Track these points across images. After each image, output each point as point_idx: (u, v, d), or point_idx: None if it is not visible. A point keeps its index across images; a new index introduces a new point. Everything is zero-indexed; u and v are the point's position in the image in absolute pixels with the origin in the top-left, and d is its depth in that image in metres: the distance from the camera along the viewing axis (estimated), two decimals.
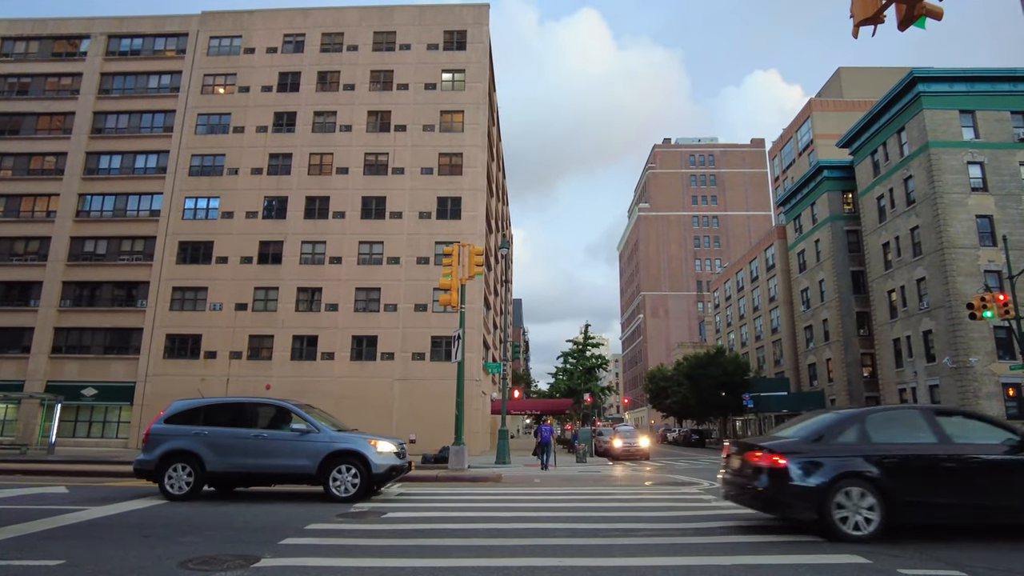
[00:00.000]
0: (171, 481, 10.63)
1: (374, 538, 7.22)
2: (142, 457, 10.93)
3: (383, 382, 35.12)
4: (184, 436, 10.86)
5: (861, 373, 45.08)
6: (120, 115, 40.44)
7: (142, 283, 37.89)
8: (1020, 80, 37.19)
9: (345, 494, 10.44)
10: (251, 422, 11.15)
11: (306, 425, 10.87)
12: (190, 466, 10.67)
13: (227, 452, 10.74)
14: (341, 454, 10.63)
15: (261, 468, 10.74)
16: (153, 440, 10.97)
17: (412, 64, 39.80)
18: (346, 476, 10.55)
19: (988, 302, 21.94)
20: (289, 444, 10.77)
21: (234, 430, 10.96)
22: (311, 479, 10.67)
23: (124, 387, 36.30)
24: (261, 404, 11.57)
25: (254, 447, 10.75)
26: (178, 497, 10.50)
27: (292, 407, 11.26)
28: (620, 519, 8.54)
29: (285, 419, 11.11)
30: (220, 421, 11.13)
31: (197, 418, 11.14)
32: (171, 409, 11.37)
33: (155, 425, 11.18)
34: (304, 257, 37.39)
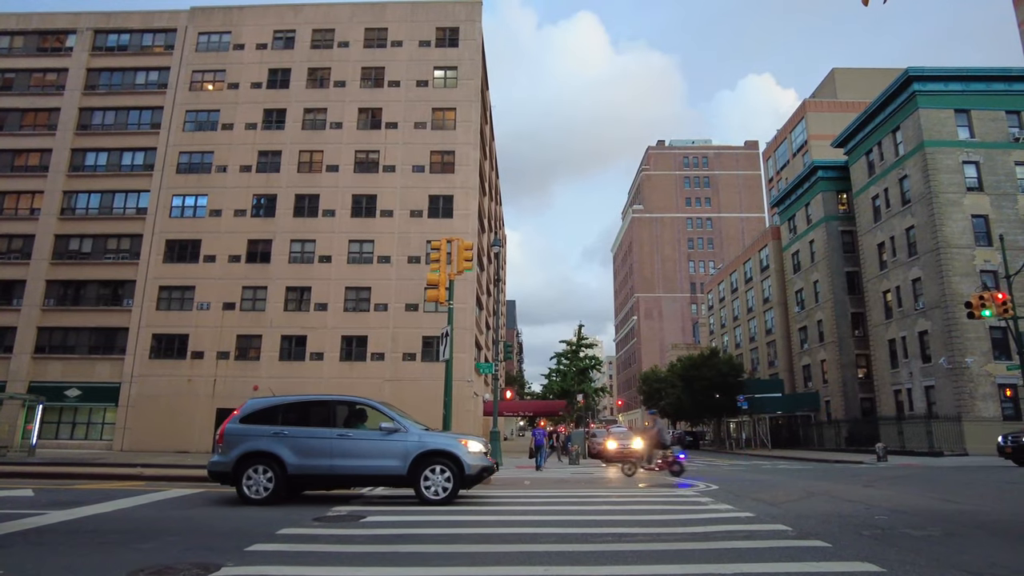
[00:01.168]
0: (250, 483, 10.00)
1: (348, 544, 6.73)
2: (217, 459, 10.25)
3: (373, 383, 34.54)
4: (263, 436, 10.19)
5: (856, 374, 44.80)
6: (107, 111, 39.77)
7: (128, 282, 37.23)
8: (1015, 80, 37.03)
9: (436, 497, 10.00)
10: (333, 421, 10.54)
11: (393, 424, 10.36)
12: (269, 468, 10.01)
13: (310, 453, 10.12)
14: (432, 454, 10.16)
15: (347, 470, 10.16)
16: (229, 441, 10.23)
17: (404, 61, 39.33)
18: (438, 478, 10.10)
19: (987, 301, 21.61)
20: (376, 444, 10.22)
21: (316, 429, 10.33)
22: (400, 481, 10.18)
23: (109, 388, 35.61)
24: (342, 402, 10.94)
25: (339, 447, 10.15)
26: (257, 501, 9.88)
27: (379, 405, 10.74)
28: (612, 523, 8.08)
29: (369, 418, 10.62)
30: (299, 420, 10.51)
31: (275, 417, 10.46)
32: (246, 408, 10.66)
33: (230, 424, 10.45)
34: (293, 256, 36.82)
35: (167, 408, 35.06)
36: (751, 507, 9.43)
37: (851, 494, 10.99)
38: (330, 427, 10.40)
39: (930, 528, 7.34)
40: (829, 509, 9.10)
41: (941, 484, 13.40)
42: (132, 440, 34.64)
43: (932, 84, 36.87)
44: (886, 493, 11.28)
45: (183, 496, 11.23)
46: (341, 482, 10.45)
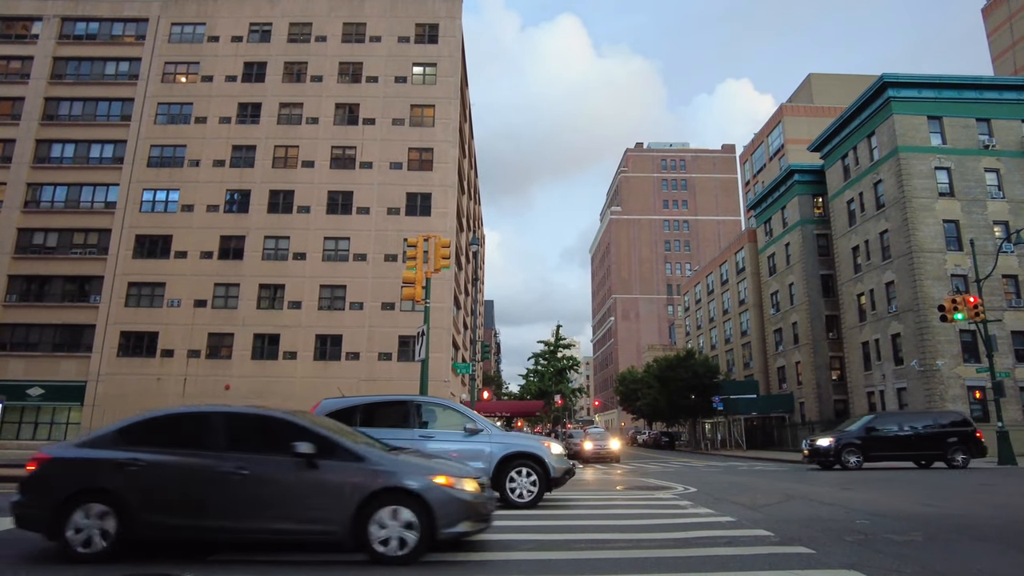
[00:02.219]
0: None
1: (327, 552, 6.41)
2: None
3: (348, 383, 33.92)
4: None
5: (830, 376, 45.31)
6: (74, 102, 38.66)
7: (95, 278, 36.21)
8: (985, 88, 37.73)
9: (522, 500, 9.75)
10: (411, 421, 10.19)
11: (475, 424, 10.09)
12: None
13: None
14: (516, 456, 9.91)
15: None
16: None
17: (382, 56, 38.84)
18: (523, 480, 9.85)
19: (959, 304, 21.88)
20: (460, 446, 9.92)
21: (398, 431, 9.93)
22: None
23: (74, 387, 34.57)
24: (420, 402, 10.62)
25: (421, 450, 9.73)
26: None
27: (457, 405, 10.47)
28: (590, 528, 7.85)
29: (440, 418, 10.28)
30: (376, 422, 10.11)
31: (352, 418, 10.02)
32: (321, 409, 10.17)
33: None
34: (267, 253, 36.14)
35: (135, 408, 33.95)
36: (731, 511, 9.28)
37: (830, 497, 10.92)
38: (410, 428, 10.10)
39: (912, 533, 7.24)
40: (809, 513, 8.99)
41: (917, 486, 13.43)
42: None
43: (906, 91, 37.40)
44: (864, 496, 11.23)
45: None
46: None
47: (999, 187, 36.51)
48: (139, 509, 5.76)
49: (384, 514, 5.74)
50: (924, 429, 21.03)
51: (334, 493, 5.83)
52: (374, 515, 5.73)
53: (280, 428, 6.25)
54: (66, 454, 6.20)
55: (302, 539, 5.92)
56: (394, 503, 5.78)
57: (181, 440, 6.21)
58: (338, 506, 5.77)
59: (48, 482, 5.99)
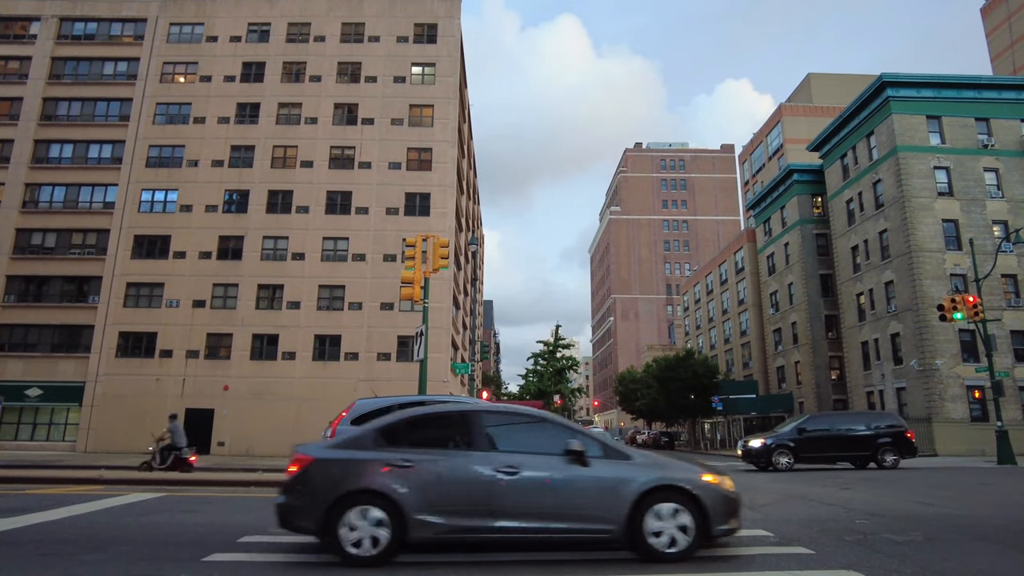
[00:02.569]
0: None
1: (312, 553, 6.38)
2: None
3: (347, 383, 33.96)
4: None
5: (829, 376, 45.31)
6: (72, 102, 38.60)
7: (94, 278, 36.16)
8: (983, 87, 37.73)
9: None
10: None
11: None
12: None
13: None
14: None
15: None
16: None
17: (381, 56, 38.80)
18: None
19: (958, 304, 21.86)
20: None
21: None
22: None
23: (73, 387, 34.52)
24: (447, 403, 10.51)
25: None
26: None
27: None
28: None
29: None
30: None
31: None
32: (356, 409, 10.14)
33: (342, 427, 9.94)
34: (266, 253, 36.09)
35: (134, 408, 34.06)
36: None
37: (829, 497, 10.89)
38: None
39: (911, 533, 7.21)
40: (809, 513, 8.96)
41: (916, 486, 13.40)
42: (97, 441, 33.63)
43: (905, 90, 37.39)
44: (863, 496, 11.20)
45: (143, 501, 10.73)
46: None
47: (998, 186, 36.51)
48: (412, 510, 5.70)
49: (662, 510, 5.84)
50: (856, 431, 20.71)
51: (609, 491, 5.88)
52: (648, 512, 5.82)
53: (544, 426, 6.38)
54: (332, 455, 6.10)
55: (575, 538, 5.94)
56: (668, 500, 5.91)
57: (445, 439, 6.20)
58: (614, 504, 5.84)
59: (315, 483, 5.91)
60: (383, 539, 5.69)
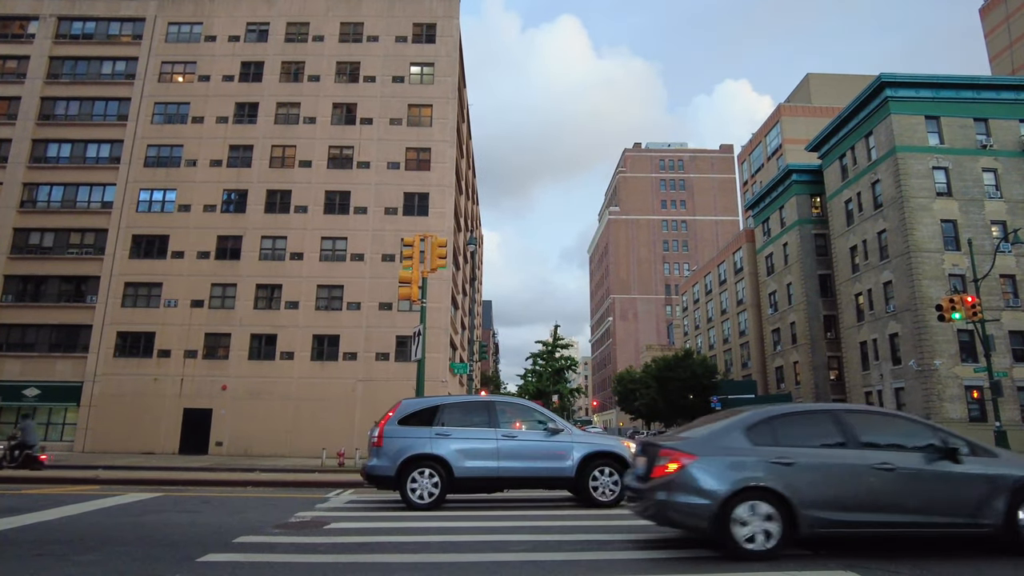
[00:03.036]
0: (414, 487, 9.67)
1: (307, 553, 6.35)
2: (376, 463, 9.84)
3: (345, 383, 33.96)
4: (425, 438, 9.89)
5: (828, 376, 45.33)
6: (71, 101, 38.55)
7: (92, 278, 36.11)
8: (982, 88, 37.76)
9: (605, 498, 9.88)
10: (492, 421, 10.22)
11: (556, 424, 10.26)
12: (434, 471, 9.69)
13: (475, 455, 9.86)
14: (598, 455, 10.03)
15: (514, 472, 9.92)
16: (392, 443, 9.85)
17: (380, 56, 38.77)
18: (606, 479, 9.97)
19: (957, 304, 21.87)
20: (542, 445, 10.05)
21: (480, 430, 10.06)
22: (567, 483, 10.04)
23: (70, 387, 34.47)
24: (500, 402, 10.71)
25: (505, 449, 9.93)
26: (422, 506, 9.58)
27: (534, 405, 10.75)
28: (590, 529, 7.80)
29: (529, 418, 10.46)
30: (458, 421, 10.17)
31: (434, 418, 10.12)
32: (403, 408, 10.26)
33: (388, 426, 10.04)
34: (264, 253, 36.05)
35: (132, 408, 34.05)
36: None
37: None
38: (493, 427, 10.13)
39: None
40: None
41: None
42: (95, 441, 33.57)
43: (904, 90, 37.42)
44: None
45: (140, 501, 10.70)
46: (507, 484, 10.16)
47: (997, 187, 36.55)
48: (800, 506, 5.84)
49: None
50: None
51: (984, 488, 6.06)
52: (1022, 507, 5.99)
53: (903, 425, 6.71)
54: (716, 454, 6.13)
55: (951, 533, 6.09)
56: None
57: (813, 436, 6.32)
58: (989, 500, 6.00)
59: (701, 481, 5.97)
60: (775, 534, 5.86)
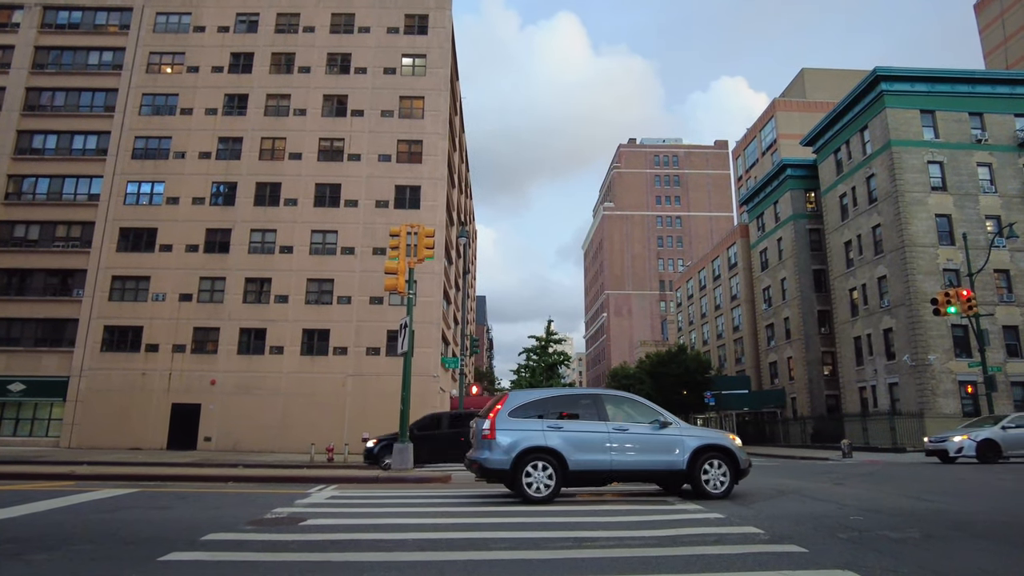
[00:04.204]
0: (529, 480, 9.52)
1: (276, 552, 6.02)
2: (489, 456, 9.63)
3: (335, 378, 33.60)
4: (537, 431, 9.70)
5: (822, 371, 45.20)
6: (57, 92, 37.98)
7: (79, 271, 35.63)
8: (977, 82, 37.58)
9: (716, 490, 9.91)
10: (603, 415, 10.10)
11: (664, 418, 10.27)
12: (549, 465, 9.54)
13: (588, 448, 9.74)
14: (708, 448, 10.04)
15: (626, 465, 9.85)
16: (506, 436, 9.68)
17: (371, 48, 38.30)
18: (716, 472, 9.99)
19: (952, 298, 21.65)
20: (653, 438, 10.01)
21: (592, 423, 9.96)
22: (678, 476, 10.00)
23: (56, 382, 34.02)
24: (609, 396, 10.55)
25: (617, 441, 9.86)
26: (538, 499, 9.43)
27: (642, 399, 10.74)
28: (570, 526, 7.49)
29: (638, 411, 10.35)
30: (566, 414, 10.05)
31: (545, 411, 9.98)
32: (512, 400, 10.08)
33: (499, 419, 9.84)
34: (253, 246, 35.62)
35: (119, 403, 33.62)
36: (720, 507, 8.94)
37: (822, 492, 10.61)
38: (605, 420, 10.05)
39: (908, 530, 6.91)
40: (801, 509, 8.66)
41: (910, 481, 13.15)
42: (81, 437, 33.14)
43: (899, 84, 37.20)
44: (856, 491, 10.93)
45: (113, 497, 10.34)
46: (618, 478, 10.09)
47: (991, 181, 36.41)
48: None
49: None
50: None
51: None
52: None
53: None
54: None
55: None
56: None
57: None
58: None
59: None
60: None
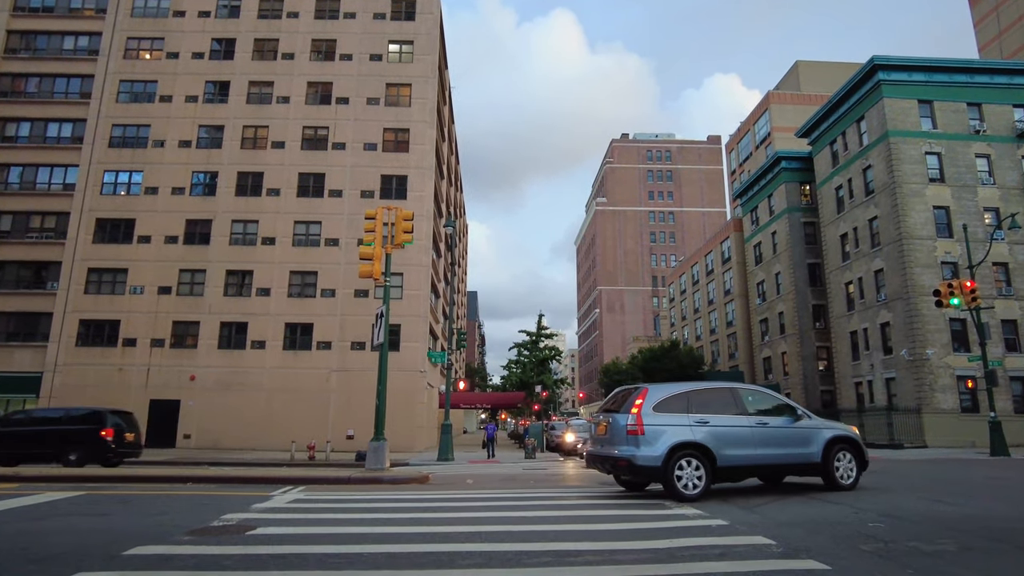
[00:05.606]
0: (679, 476, 9.16)
1: (206, 570, 5.08)
2: (639, 452, 9.19)
3: (319, 373, 32.60)
4: (685, 426, 9.40)
5: (817, 367, 44.52)
6: (30, 78, 36.67)
7: (53, 263, 34.41)
8: (976, 72, 36.88)
9: (846, 481, 10.00)
10: (742, 408, 9.96)
11: (798, 411, 10.25)
12: (699, 461, 9.24)
13: (734, 443, 9.53)
14: (839, 440, 10.11)
15: (769, 459, 9.77)
16: (654, 431, 9.24)
17: (357, 34, 37.19)
18: (846, 464, 10.09)
19: (955, 289, 20.88)
20: (791, 432, 9.96)
21: (735, 417, 9.78)
22: (813, 469, 10.00)
23: (29, 378, 32.82)
24: (746, 389, 10.48)
25: (759, 436, 9.69)
26: (689, 498, 9.05)
27: (774, 392, 10.72)
28: (555, 536, 6.58)
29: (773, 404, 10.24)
30: (708, 408, 9.77)
31: (685, 404, 9.69)
32: (653, 395, 9.71)
33: (645, 414, 9.43)
34: (235, 237, 34.51)
35: (94, 400, 32.29)
36: (723, 512, 8.05)
37: (830, 494, 9.73)
38: (746, 414, 9.90)
39: (939, 540, 6.02)
40: (813, 514, 7.78)
41: (920, 480, 12.32)
42: None
43: (897, 74, 36.45)
44: (868, 492, 10.08)
45: (51, 502, 9.36)
46: (759, 473, 10.11)
47: (990, 173, 35.73)
48: None
49: None
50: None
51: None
52: None
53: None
54: None
55: None
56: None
57: None
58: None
59: None
60: None
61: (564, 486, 12.26)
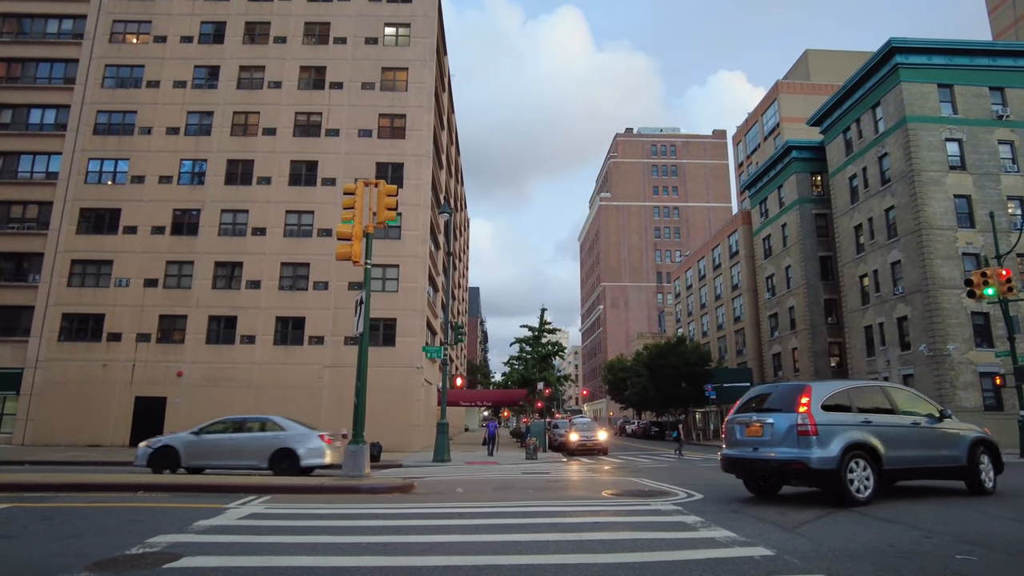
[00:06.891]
0: (851, 478, 8.63)
1: None
2: (812, 454, 8.57)
3: (311, 369, 31.22)
4: (854, 426, 8.99)
5: (829, 363, 42.99)
6: (11, 62, 35.30)
7: (35, 255, 33.11)
8: (999, 54, 35.29)
9: (988, 484, 9.84)
10: (893, 408, 9.66)
11: (941, 410, 10.02)
12: (867, 462, 8.78)
13: (897, 444, 9.21)
14: (980, 442, 9.96)
15: (924, 462, 9.44)
16: (827, 431, 8.71)
17: (351, 16, 35.75)
18: (987, 466, 9.95)
19: (990, 278, 19.38)
20: (941, 433, 9.75)
21: (895, 417, 9.53)
22: (959, 472, 9.76)
23: (10, 374, 31.55)
24: (891, 388, 10.12)
25: (915, 437, 9.50)
26: (861, 501, 8.55)
27: (917, 392, 10.56)
28: (555, 569, 5.14)
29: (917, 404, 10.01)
30: (868, 407, 9.46)
31: (846, 404, 9.28)
32: (819, 392, 9.17)
33: (815, 412, 8.87)
34: (224, 228, 33.13)
35: (78, 397, 31.16)
36: (759, 534, 6.59)
37: (885, 511, 8.23)
38: (899, 413, 9.63)
39: None
40: (871, 537, 6.32)
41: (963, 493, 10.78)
42: (36, 433, 30.70)
43: (915, 57, 34.87)
44: (923, 506, 8.62)
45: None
46: (911, 475, 9.47)
47: (1013, 160, 34.15)
48: None
49: None
50: None
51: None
52: None
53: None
54: None
55: None
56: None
57: None
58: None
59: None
60: None
61: (567, 497, 10.82)
